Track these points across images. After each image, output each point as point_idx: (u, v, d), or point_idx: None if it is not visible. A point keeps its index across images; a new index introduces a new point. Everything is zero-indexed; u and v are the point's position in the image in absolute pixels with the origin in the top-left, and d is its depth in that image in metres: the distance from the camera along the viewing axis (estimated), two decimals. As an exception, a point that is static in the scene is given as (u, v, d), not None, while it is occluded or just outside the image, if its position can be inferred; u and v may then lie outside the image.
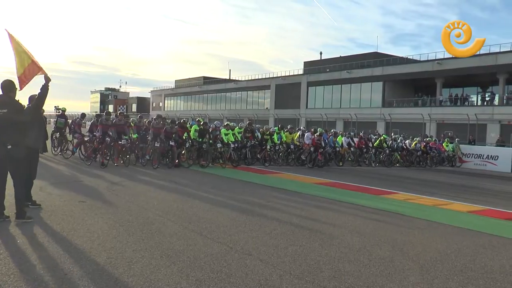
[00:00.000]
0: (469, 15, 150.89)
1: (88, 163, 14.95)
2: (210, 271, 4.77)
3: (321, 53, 62.78)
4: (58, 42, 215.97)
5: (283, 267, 5.02)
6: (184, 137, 16.52)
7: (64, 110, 19.14)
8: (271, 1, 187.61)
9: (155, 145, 15.42)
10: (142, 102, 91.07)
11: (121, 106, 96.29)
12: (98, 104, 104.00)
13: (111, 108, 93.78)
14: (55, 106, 23.85)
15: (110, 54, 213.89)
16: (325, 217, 8.13)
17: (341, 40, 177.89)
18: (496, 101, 37.72)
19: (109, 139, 14.70)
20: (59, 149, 17.99)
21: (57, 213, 7.29)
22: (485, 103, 38.55)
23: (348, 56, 53.10)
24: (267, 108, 56.63)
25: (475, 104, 39.03)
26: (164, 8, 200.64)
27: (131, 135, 15.74)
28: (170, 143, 15.52)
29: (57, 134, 18.21)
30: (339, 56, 55.96)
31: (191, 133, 16.94)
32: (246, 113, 54.67)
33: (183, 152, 16.76)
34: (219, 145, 16.74)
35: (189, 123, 19.61)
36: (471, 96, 41.40)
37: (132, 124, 16.87)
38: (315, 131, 19.92)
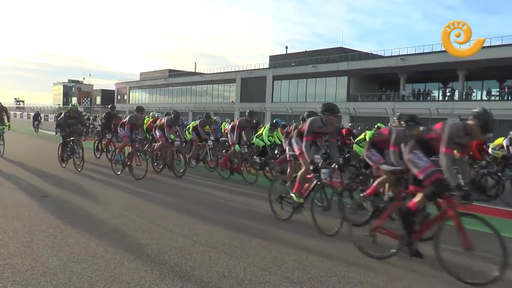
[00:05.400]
0: (433, 13, 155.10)
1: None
2: (174, 265, 4.80)
3: (286, 48, 63.48)
4: (20, 32, 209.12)
5: (247, 259, 5.10)
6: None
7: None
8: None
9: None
10: (107, 95, 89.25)
11: (85, 99, 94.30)
12: (61, 97, 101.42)
13: (74, 100, 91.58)
14: (15, 98, 23.03)
15: (74, 45, 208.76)
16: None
17: (308, 35, 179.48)
18: (456, 97, 38.88)
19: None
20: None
21: (19, 208, 7.13)
22: (446, 98, 39.69)
23: (313, 50, 53.53)
24: (232, 101, 56.56)
25: (437, 99, 40.16)
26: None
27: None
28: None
29: None
30: (304, 50, 56.37)
31: (264, 136, 12.43)
32: (211, 106, 54.49)
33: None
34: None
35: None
36: (433, 91, 42.60)
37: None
38: None
